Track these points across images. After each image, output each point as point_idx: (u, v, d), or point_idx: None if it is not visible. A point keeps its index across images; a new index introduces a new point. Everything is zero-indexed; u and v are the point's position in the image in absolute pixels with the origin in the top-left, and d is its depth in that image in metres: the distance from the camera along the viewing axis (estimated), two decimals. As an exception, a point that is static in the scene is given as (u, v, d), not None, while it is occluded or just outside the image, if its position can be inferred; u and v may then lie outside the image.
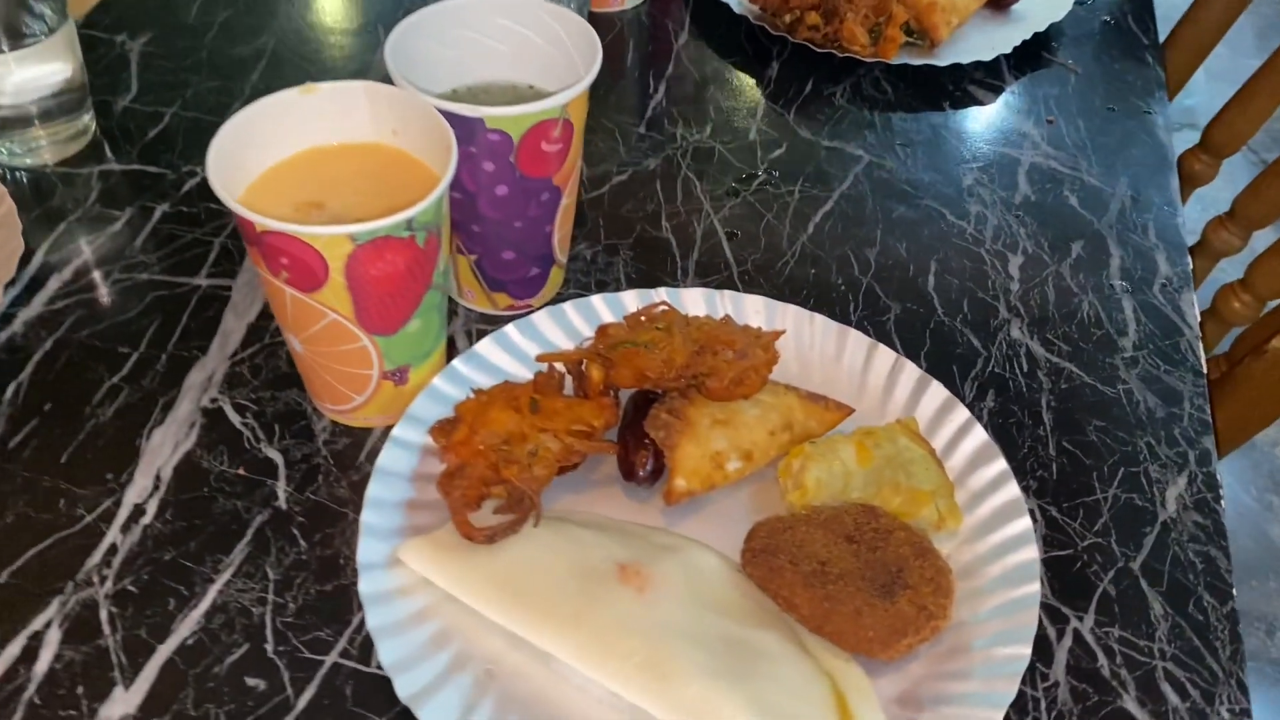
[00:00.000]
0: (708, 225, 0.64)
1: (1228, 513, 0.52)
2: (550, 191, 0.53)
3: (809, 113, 0.73)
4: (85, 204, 0.63)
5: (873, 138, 0.71)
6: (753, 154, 0.69)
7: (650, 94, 0.74)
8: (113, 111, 0.69)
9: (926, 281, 0.62)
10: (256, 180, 0.47)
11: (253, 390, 0.54)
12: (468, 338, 0.57)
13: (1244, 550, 1.64)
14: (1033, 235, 0.65)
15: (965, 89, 0.75)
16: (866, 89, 0.75)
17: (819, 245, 0.64)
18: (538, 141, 0.50)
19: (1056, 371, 0.57)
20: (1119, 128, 0.73)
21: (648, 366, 0.50)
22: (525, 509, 0.46)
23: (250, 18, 0.77)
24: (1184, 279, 0.63)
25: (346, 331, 0.46)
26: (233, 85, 0.71)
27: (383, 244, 0.43)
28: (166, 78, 0.72)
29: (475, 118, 0.48)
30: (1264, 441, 1.80)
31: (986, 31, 0.80)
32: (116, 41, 0.74)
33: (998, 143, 0.71)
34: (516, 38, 0.55)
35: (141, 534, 0.48)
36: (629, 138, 0.70)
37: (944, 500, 0.49)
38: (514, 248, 0.55)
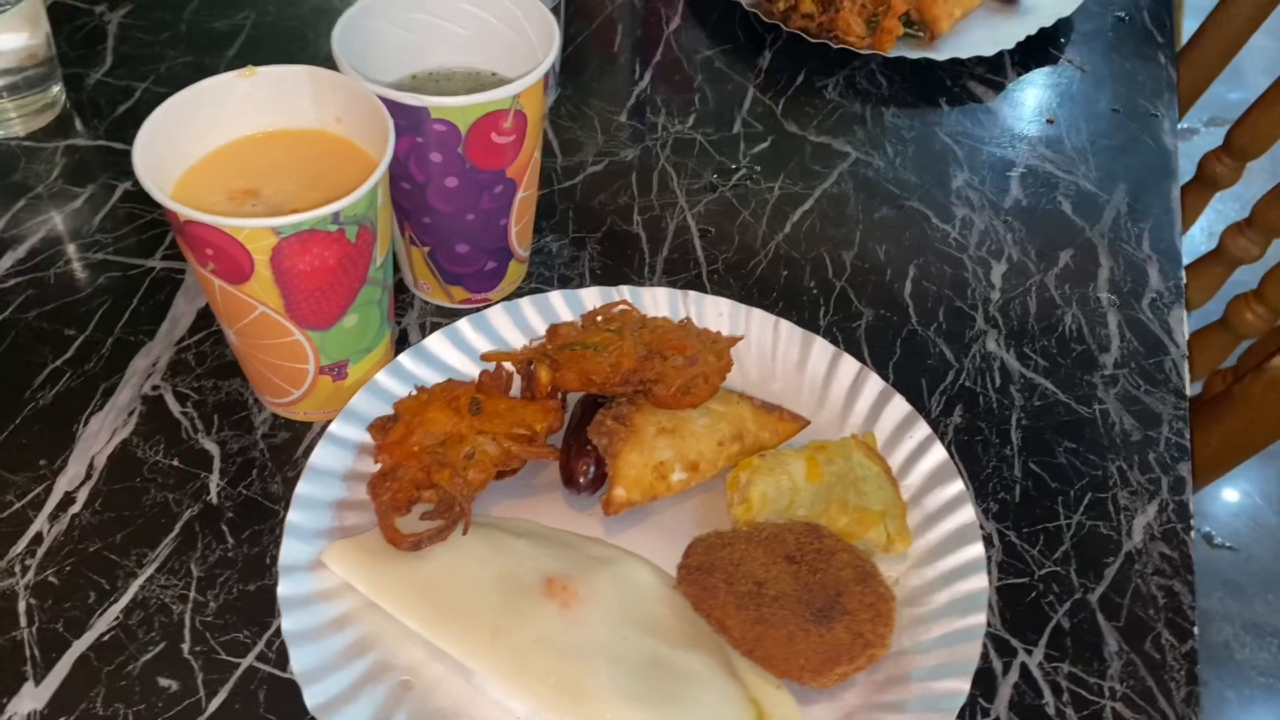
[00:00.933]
0: (681, 221, 0.62)
1: (1247, 524, 0.50)
2: (504, 184, 0.51)
3: (798, 105, 0.70)
4: (48, 179, 0.62)
5: (862, 134, 0.68)
6: (735, 147, 0.67)
7: (636, 81, 0.72)
8: (85, 85, 0.68)
9: (903, 288, 0.59)
10: (193, 166, 0.46)
11: (196, 379, 0.52)
12: (421, 330, 0.56)
13: (1261, 564, 1.60)
14: (1020, 242, 0.62)
15: (964, 85, 0.73)
16: (861, 82, 0.72)
17: (794, 245, 0.61)
18: (487, 133, 0.48)
19: (1030, 388, 0.55)
20: (1123, 131, 0.70)
21: (594, 370, 0.48)
22: (455, 516, 0.45)
23: (234, -10, 0.76)
24: (1176, 294, 0.60)
25: (278, 325, 0.45)
26: (207, 61, 0.70)
27: (309, 238, 0.42)
28: (142, 51, 0.70)
29: (420, 107, 0.46)
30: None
31: (991, 24, 0.77)
32: (95, 12, 0.73)
33: (993, 143, 0.68)
34: (477, 22, 0.53)
35: (69, 523, 0.47)
36: (609, 126, 0.68)
37: (894, 521, 0.47)
38: (468, 241, 0.53)
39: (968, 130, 0.69)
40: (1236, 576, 1.59)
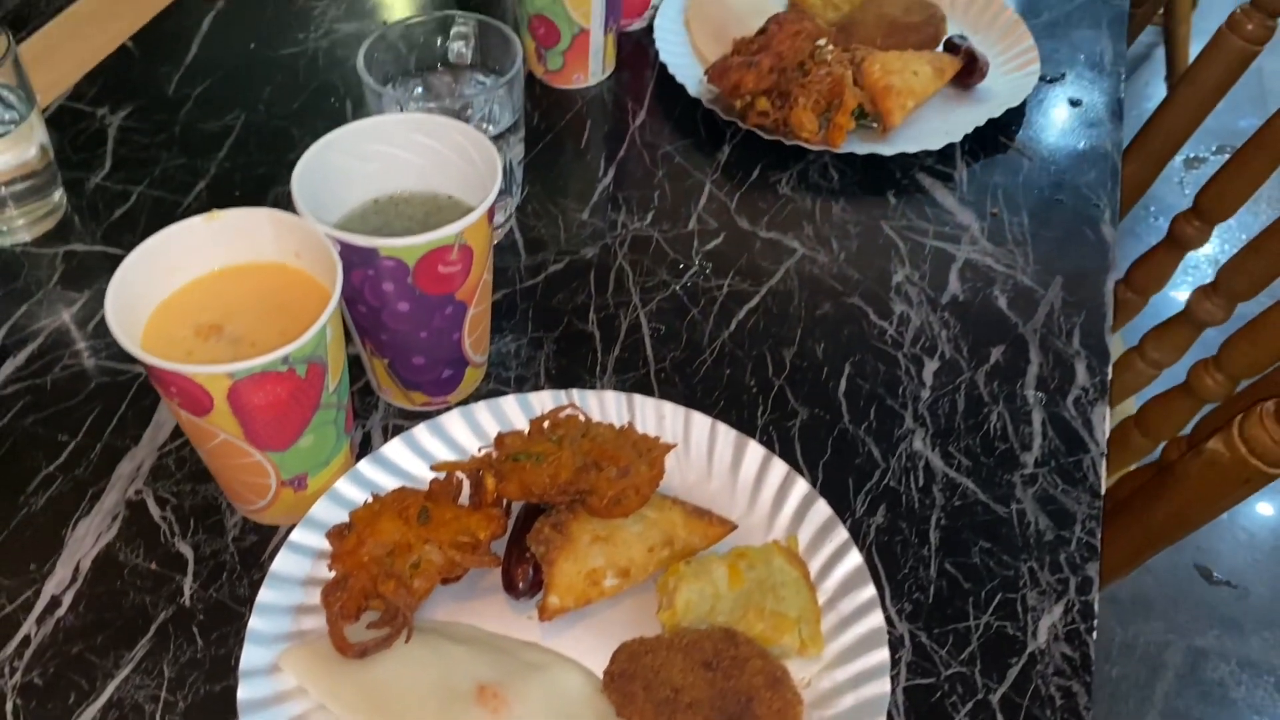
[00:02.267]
0: (633, 319, 0.66)
1: (1244, 561, 0.53)
2: (454, 305, 0.55)
3: (752, 200, 0.74)
4: (48, 285, 0.67)
5: (810, 229, 0.72)
6: (689, 244, 0.71)
7: (599, 177, 0.76)
8: (85, 189, 0.73)
9: (838, 386, 0.63)
10: (163, 302, 0.51)
11: (175, 483, 0.57)
12: (384, 433, 0.60)
13: (1259, 600, 1.61)
14: (954, 339, 0.65)
15: (913, 176, 0.76)
16: (813, 176, 0.76)
17: (739, 344, 0.65)
18: (434, 265, 0.52)
19: (952, 487, 0.58)
20: (1064, 222, 0.73)
21: (534, 482, 0.52)
22: (399, 625, 0.49)
23: (225, 90, 0.81)
24: (1100, 390, 0.63)
25: (239, 449, 0.49)
26: (199, 164, 0.75)
27: (261, 378, 0.46)
28: (139, 154, 0.75)
29: (370, 248, 0.50)
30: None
31: (944, 111, 0.80)
32: (98, 115, 0.78)
33: (936, 236, 0.72)
34: (432, 152, 0.57)
35: (54, 626, 0.51)
36: (571, 224, 0.72)
37: (808, 626, 0.50)
38: (423, 354, 0.57)
39: (913, 223, 0.73)
40: (1233, 613, 1.60)
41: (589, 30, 0.78)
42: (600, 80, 0.83)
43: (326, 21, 0.87)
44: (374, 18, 0.88)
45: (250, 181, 0.74)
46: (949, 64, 0.81)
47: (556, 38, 0.78)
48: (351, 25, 0.87)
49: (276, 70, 0.82)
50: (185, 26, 0.86)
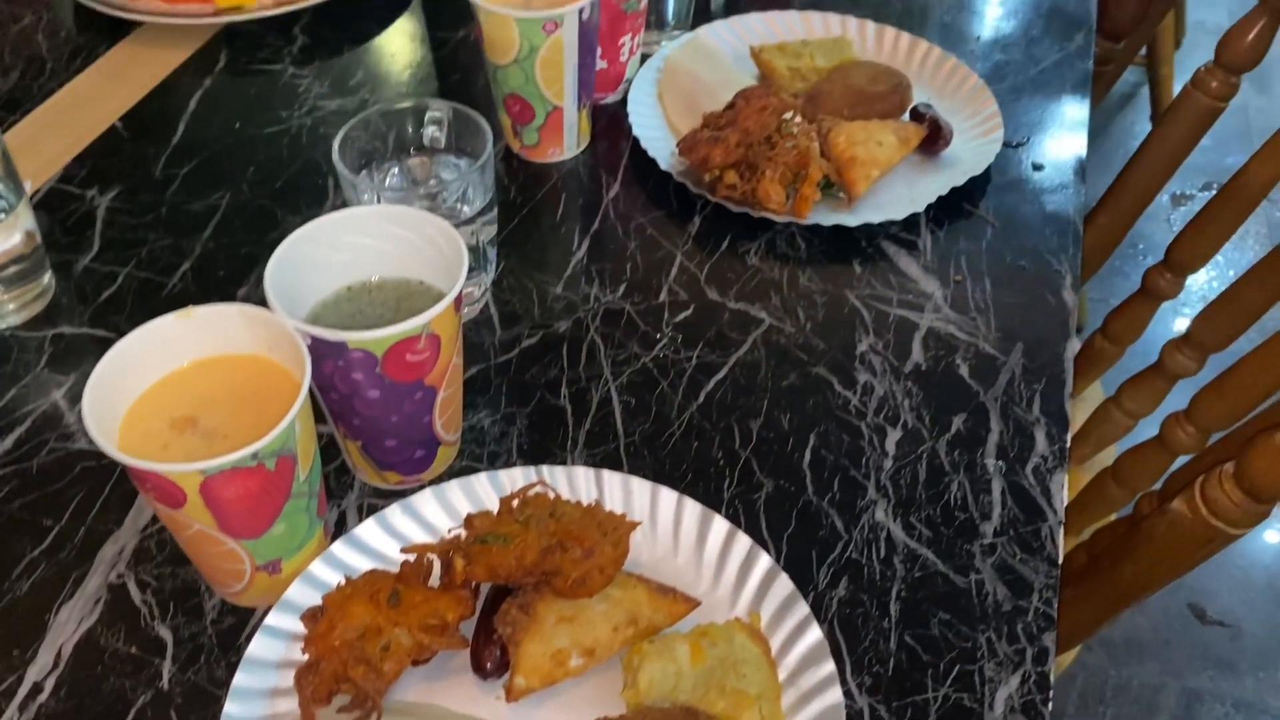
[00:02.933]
0: (604, 393, 0.68)
1: (1238, 600, 0.54)
2: (423, 390, 0.57)
3: (721, 271, 0.76)
4: (36, 368, 0.69)
5: (777, 299, 0.74)
6: (660, 316, 0.73)
7: (574, 250, 0.78)
8: (74, 271, 0.75)
9: (803, 457, 0.64)
10: (140, 397, 0.52)
11: (156, 565, 0.59)
12: (359, 512, 0.62)
13: (1254, 640, 1.61)
14: (916, 408, 0.67)
15: (878, 244, 0.78)
16: (781, 246, 0.78)
17: (706, 416, 0.67)
18: (402, 354, 0.54)
19: (913, 558, 0.59)
20: (1026, 288, 0.75)
21: (500, 564, 0.54)
22: (367, 709, 0.50)
23: (210, 170, 0.83)
24: (1059, 458, 0.64)
25: (214, 538, 0.51)
26: (184, 244, 0.77)
27: (232, 474, 0.48)
28: (126, 235, 0.78)
29: (339, 342, 0.52)
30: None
31: (910, 179, 0.82)
32: (87, 197, 0.81)
33: (900, 304, 0.74)
34: (403, 240, 0.59)
35: (36, 713, 0.53)
36: (545, 298, 0.74)
37: (768, 704, 0.52)
38: (395, 437, 0.59)
39: (877, 292, 0.75)
40: (1228, 654, 1.60)
41: (562, 108, 0.81)
42: (576, 154, 0.85)
43: (310, 99, 0.90)
44: (356, 94, 0.90)
45: (234, 261, 0.76)
46: (913, 133, 0.83)
47: (531, 115, 0.81)
48: (334, 102, 0.89)
49: (260, 149, 0.85)
50: (173, 106, 0.89)
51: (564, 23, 0.75)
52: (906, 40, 0.93)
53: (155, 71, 0.92)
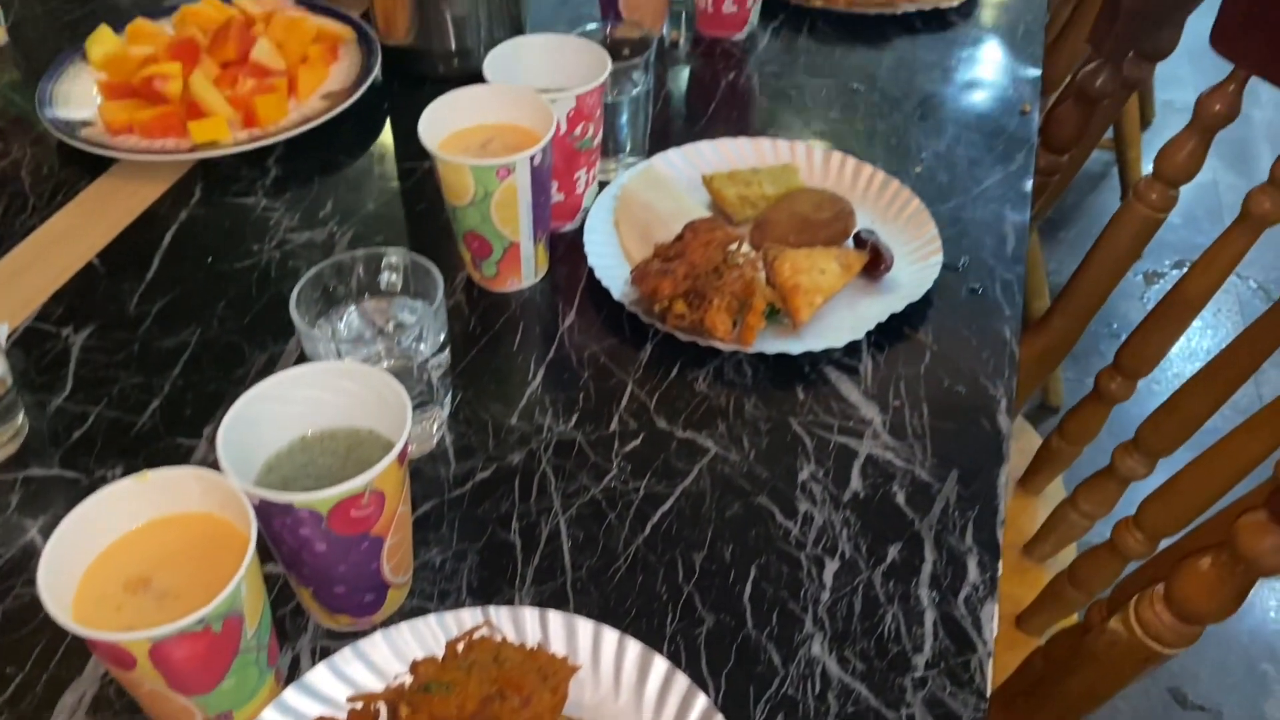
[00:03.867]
0: (554, 526, 0.71)
1: (1219, 684, 0.55)
2: (369, 541, 0.59)
3: (670, 399, 0.79)
4: (5, 512, 0.71)
5: (724, 427, 0.77)
6: (611, 446, 0.76)
7: (529, 380, 0.81)
8: (47, 411, 0.78)
9: (744, 590, 0.67)
10: (96, 559, 0.55)
11: (115, 713, 0.61)
12: (313, 655, 0.64)
13: (1235, 725, 1.61)
14: (854, 538, 0.70)
15: (820, 370, 0.81)
16: (729, 373, 0.81)
17: (652, 548, 0.69)
18: (347, 511, 0.57)
19: (846, 693, 0.61)
20: (962, 413, 0.78)
21: (442, 713, 0.56)
22: None
23: (182, 307, 0.86)
24: (990, 587, 0.67)
25: (165, 695, 0.53)
26: (154, 382, 0.80)
27: (179, 639, 0.50)
28: (99, 373, 0.81)
29: (285, 503, 0.55)
30: (1260, 606, 1.78)
31: (852, 303, 0.86)
32: (62, 335, 0.84)
33: (841, 431, 0.76)
34: (353, 392, 0.63)
35: None
36: (500, 430, 0.77)
37: None
38: (344, 584, 0.61)
39: (819, 418, 0.77)
40: (1210, 739, 1.60)
41: (519, 243, 0.84)
42: (534, 282, 0.89)
43: (281, 231, 0.94)
44: (325, 226, 0.94)
45: (201, 399, 0.79)
46: (855, 259, 0.86)
47: (489, 250, 0.84)
48: (303, 235, 0.93)
49: (231, 284, 0.88)
50: (149, 241, 0.93)
51: (516, 169, 0.79)
52: (852, 164, 0.97)
53: (133, 206, 0.96)
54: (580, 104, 0.86)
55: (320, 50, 1.10)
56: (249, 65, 1.05)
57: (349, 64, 1.11)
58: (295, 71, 1.07)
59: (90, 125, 1.02)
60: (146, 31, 1.10)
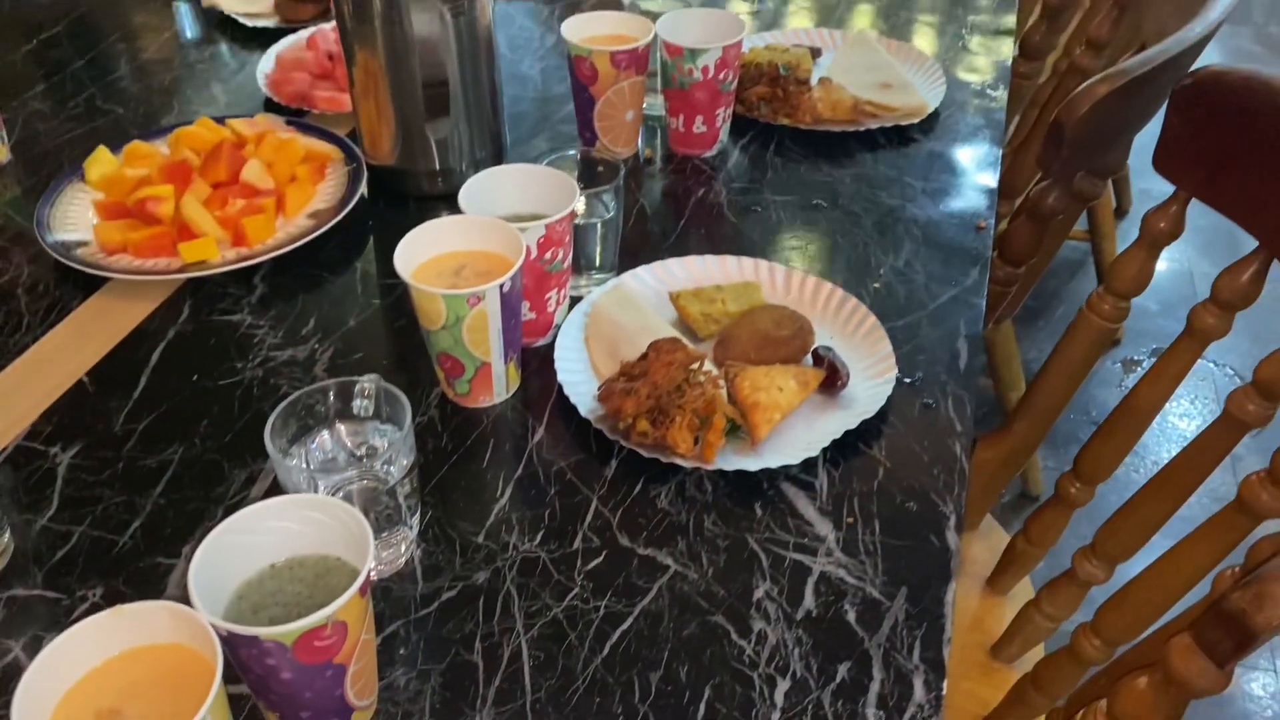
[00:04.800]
0: (515, 646, 0.73)
1: None
2: (333, 669, 0.62)
3: (633, 516, 0.82)
4: (-12, 632, 0.74)
5: (683, 544, 0.80)
6: (574, 564, 0.79)
7: (497, 497, 0.84)
8: (32, 530, 0.81)
9: (698, 711, 0.69)
10: (68, 690, 0.58)
11: (84, 837, 0.63)
12: (279, 777, 0.66)
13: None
14: (805, 656, 0.72)
15: (778, 487, 0.84)
16: (690, 489, 0.84)
17: (610, 668, 0.72)
18: (310, 642, 0.59)
19: (793, 815, 0.64)
20: (912, 530, 0.81)
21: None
22: None
23: (166, 425, 0.90)
24: (935, 706, 0.69)
25: (130, 825, 0.56)
26: (137, 501, 0.83)
27: (144, 772, 0.53)
28: (83, 492, 0.84)
29: (251, 635, 0.58)
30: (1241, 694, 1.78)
31: (810, 419, 0.89)
32: (50, 454, 0.87)
33: (796, 548, 0.79)
34: (322, 524, 0.66)
35: None
36: (467, 548, 0.80)
37: None
38: (309, 709, 0.64)
39: (775, 535, 0.80)
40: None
41: (490, 363, 0.88)
42: (506, 398, 0.93)
43: (264, 349, 0.98)
44: (306, 343, 0.98)
45: (181, 518, 0.82)
46: (813, 376, 0.90)
47: (461, 370, 0.88)
48: (285, 353, 0.97)
49: (214, 401, 0.92)
50: (137, 360, 0.97)
51: (486, 296, 0.83)
52: (812, 281, 1.02)
53: (124, 324, 1.00)
54: (550, 231, 0.91)
55: (308, 170, 1.15)
56: (239, 185, 1.11)
57: (336, 183, 1.16)
58: (284, 191, 1.12)
59: (86, 245, 1.07)
60: (142, 153, 1.16)
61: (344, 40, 1.13)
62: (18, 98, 1.38)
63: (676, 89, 1.20)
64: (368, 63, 1.12)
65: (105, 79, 1.43)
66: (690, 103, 1.20)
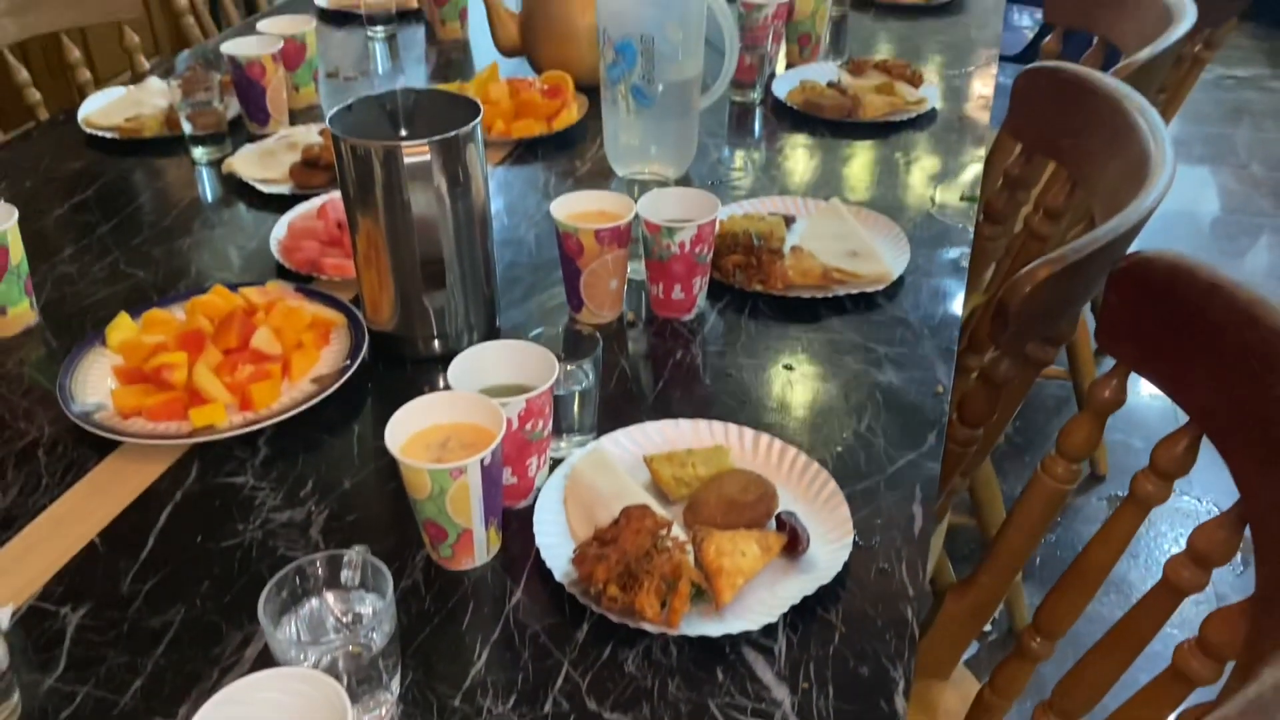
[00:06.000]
0: (486, 809, 0.78)
1: None
2: (312, 836, 0.67)
3: (601, 680, 0.87)
4: (-6, 792, 0.79)
5: (648, 710, 0.85)
6: (543, 727, 0.84)
7: (474, 660, 0.90)
8: (39, 691, 0.87)
9: None
10: None
11: None
12: None
13: None
14: (757, 822, 0.76)
15: (739, 650, 0.90)
16: (656, 653, 0.90)
17: (573, 832, 0.76)
18: (291, 811, 0.65)
19: None
20: (863, 695, 0.86)
21: None
22: None
23: (170, 586, 0.96)
24: None
25: None
26: (139, 661, 0.89)
27: None
28: (90, 653, 0.90)
29: (235, 805, 0.63)
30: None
31: (772, 583, 0.95)
32: (60, 615, 0.94)
33: (754, 713, 0.84)
34: (307, 695, 0.71)
35: None
36: (444, 712, 0.85)
37: None
38: None
39: (735, 700, 0.85)
40: None
41: (471, 530, 0.95)
42: (486, 561, 0.99)
43: (265, 511, 1.05)
44: (304, 505, 1.05)
45: (180, 679, 0.88)
46: (775, 541, 0.97)
47: (445, 536, 0.95)
48: (284, 514, 1.04)
49: (216, 563, 0.99)
50: (146, 520, 1.04)
51: (468, 470, 0.90)
52: (778, 446, 1.09)
53: (136, 485, 1.08)
54: (530, 405, 0.98)
55: (314, 336, 1.24)
56: (249, 352, 1.19)
57: (339, 348, 1.25)
58: (290, 356, 1.20)
59: (103, 409, 1.15)
60: (159, 320, 1.25)
61: (348, 213, 1.23)
62: (48, 260, 1.49)
63: (656, 260, 1.30)
64: (370, 236, 1.21)
65: (130, 242, 1.54)
66: (669, 273, 1.30)
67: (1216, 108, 4.59)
